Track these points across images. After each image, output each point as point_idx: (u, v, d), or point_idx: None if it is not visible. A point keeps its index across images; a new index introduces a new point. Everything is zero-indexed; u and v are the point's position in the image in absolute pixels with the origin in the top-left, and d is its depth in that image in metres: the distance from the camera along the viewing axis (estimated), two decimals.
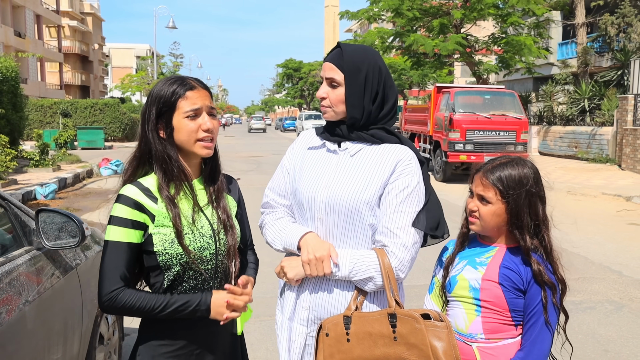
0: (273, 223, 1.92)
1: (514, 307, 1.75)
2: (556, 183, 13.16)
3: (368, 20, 21.18)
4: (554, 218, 1.85)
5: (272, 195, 1.97)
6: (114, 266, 1.59)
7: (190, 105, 1.65)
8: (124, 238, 1.60)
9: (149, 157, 1.69)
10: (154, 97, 1.67)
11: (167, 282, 1.66)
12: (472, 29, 22.25)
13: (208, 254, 1.69)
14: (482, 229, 1.82)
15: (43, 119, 29.35)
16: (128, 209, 1.62)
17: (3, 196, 2.36)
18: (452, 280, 1.86)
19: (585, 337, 4.29)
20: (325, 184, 1.83)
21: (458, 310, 1.83)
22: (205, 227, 1.70)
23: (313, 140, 1.96)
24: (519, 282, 1.74)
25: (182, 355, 1.69)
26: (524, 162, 1.79)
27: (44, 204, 10.23)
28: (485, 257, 1.81)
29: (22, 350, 2.07)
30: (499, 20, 19.94)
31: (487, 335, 1.78)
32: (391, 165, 1.80)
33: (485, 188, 1.78)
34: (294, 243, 1.82)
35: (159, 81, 1.75)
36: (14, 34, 37.42)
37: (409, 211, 1.77)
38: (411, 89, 31.47)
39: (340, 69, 1.80)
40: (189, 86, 1.67)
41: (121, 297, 1.58)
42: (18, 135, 16.59)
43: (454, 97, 14.16)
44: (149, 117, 1.67)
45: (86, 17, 59.23)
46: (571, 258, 6.62)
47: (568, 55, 25.42)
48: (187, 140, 1.67)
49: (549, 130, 20.97)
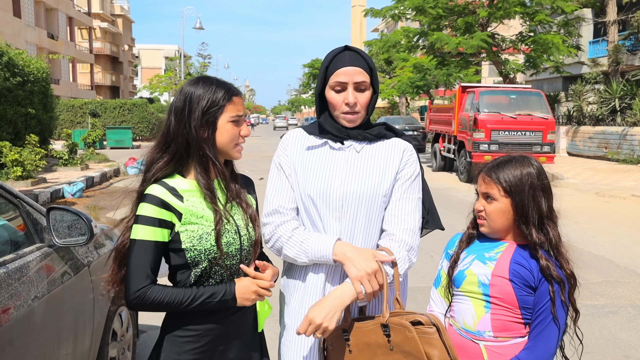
0: (290, 235, 1.83)
1: (524, 305, 1.72)
2: (584, 184, 12.91)
3: (392, 18, 21.01)
4: (580, 219, 1.82)
5: (278, 201, 1.88)
6: (140, 264, 1.62)
7: (237, 111, 1.73)
8: (151, 236, 1.63)
9: (182, 155, 1.71)
10: (198, 96, 1.69)
11: (194, 278, 1.70)
12: (500, 28, 21.94)
13: (234, 249, 1.74)
14: (490, 229, 1.80)
15: (74, 118, 29.99)
16: (155, 208, 1.64)
17: (15, 194, 2.42)
18: (459, 275, 1.83)
19: (606, 342, 4.19)
20: (339, 182, 1.83)
21: (466, 306, 1.80)
22: (231, 223, 1.74)
23: (310, 140, 1.93)
24: (530, 278, 1.71)
25: (207, 352, 1.73)
26: (526, 159, 1.79)
27: (71, 202, 10.46)
28: (494, 252, 1.78)
29: (32, 345, 2.12)
30: (526, 19, 19.59)
31: (496, 333, 1.74)
32: (399, 155, 1.87)
33: (489, 185, 1.77)
34: (326, 255, 1.75)
35: (191, 80, 1.77)
36: (47, 36, 38.34)
37: (413, 197, 1.86)
38: (437, 89, 31.21)
39: (367, 72, 1.82)
40: (235, 92, 1.74)
41: (149, 294, 1.61)
42: (48, 135, 16.98)
43: (479, 96, 13.98)
44: (192, 115, 1.68)
45: (116, 19, 60.32)
46: (595, 261, 6.48)
47: (599, 54, 24.88)
48: (229, 143, 1.73)
49: (577, 131, 20.56)
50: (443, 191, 12.14)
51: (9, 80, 13.57)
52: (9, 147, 11.52)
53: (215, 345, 1.74)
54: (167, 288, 1.65)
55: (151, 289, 1.62)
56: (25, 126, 14.76)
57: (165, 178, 1.72)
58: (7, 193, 2.38)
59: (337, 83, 1.80)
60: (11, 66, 13.95)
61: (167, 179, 1.72)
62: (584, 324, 4.51)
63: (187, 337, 1.71)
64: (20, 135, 14.06)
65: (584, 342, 1.86)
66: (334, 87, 1.82)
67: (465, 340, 1.78)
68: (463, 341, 1.79)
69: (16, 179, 11.17)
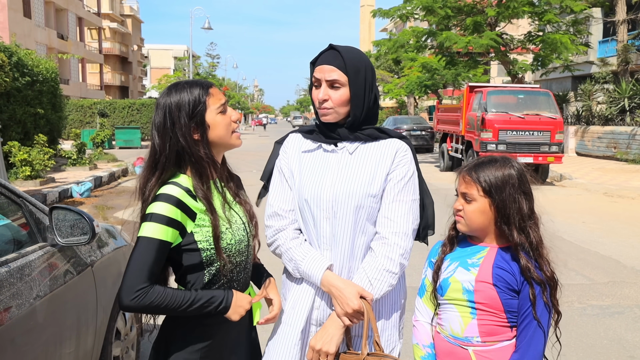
0: (288, 248, 1.89)
1: (509, 308, 1.72)
2: (593, 184, 12.82)
3: (400, 18, 21.00)
4: (587, 219, 1.82)
5: (277, 204, 1.93)
6: (143, 262, 1.57)
7: (218, 101, 1.73)
8: (158, 235, 1.59)
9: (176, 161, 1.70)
10: (179, 104, 1.68)
11: (209, 277, 1.71)
12: (508, 28, 21.84)
13: (243, 246, 1.77)
14: (467, 228, 1.79)
15: (83, 118, 30.19)
16: (170, 207, 1.62)
17: (18, 193, 2.44)
18: (443, 283, 1.83)
19: (611, 342, 4.17)
20: (329, 183, 1.85)
21: (452, 314, 1.80)
22: (239, 221, 1.77)
23: (305, 144, 1.97)
24: (513, 282, 1.71)
25: (214, 349, 1.75)
26: (508, 161, 1.78)
27: (79, 202, 10.53)
28: (477, 258, 1.78)
29: (34, 344, 2.13)
30: (534, 18, 19.49)
31: (484, 338, 1.75)
32: (391, 155, 1.86)
33: (468, 185, 1.77)
34: (315, 281, 1.84)
35: (162, 92, 1.76)
36: (57, 36, 38.63)
37: (406, 199, 1.84)
38: (445, 89, 31.11)
39: (343, 71, 1.82)
40: (208, 84, 1.75)
41: (149, 296, 1.57)
42: (57, 135, 17.10)
43: (487, 96, 13.93)
44: (180, 123, 1.67)
45: (126, 19, 60.62)
46: (602, 261, 6.45)
47: (608, 53, 24.70)
48: (226, 133, 1.74)
49: (586, 131, 20.43)
50: (450, 191, 12.05)
51: (18, 80, 13.67)
52: (18, 147, 11.62)
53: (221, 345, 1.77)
54: (167, 290, 1.61)
55: (152, 289, 1.57)
56: (34, 126, 14.87)
57: (174, 178, 1.70)
58: (10, 192, 2.40)
59: (315, 79, 1.88)
60: (20, 66, 14.06)
61: (176, 179, 1.70)
62: (589, 324, 4.50)
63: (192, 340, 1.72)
64: (29, 135, 14.16)
65: (589, 342, 1.86)
66: (314, 84, 1.89)
67: (454, 346, 1.79)
68: (452, 348, 1.80)
69: (25, 178, 11.26)
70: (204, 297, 1.65)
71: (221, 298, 1.68)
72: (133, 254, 1.59)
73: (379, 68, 38.00)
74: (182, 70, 52.75)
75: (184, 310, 1.62)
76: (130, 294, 1.56)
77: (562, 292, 1.76)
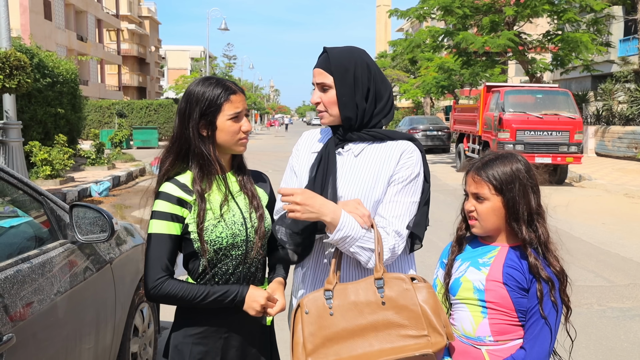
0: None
1: (520, 307, 1.71)
2: (613, 185, 12.63)
3: (417, 19, 20.89)
4: (607, 221, 1.80)
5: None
6: (157, 257, 1.74)
7: (234, 109, 1.80)
8: (166, 230, 1.75)
9: (187, 153, 1.82)
10: (197, 97, 1.79)
11: (202, 266, 1.80)
12: (526, 27, 21.61)
13: (239, 240, 1.82)
14: (482, 230, 1.78)
15: (102, 119, 30.54)
16: (169, 204, 1.77)
17: (40, 191, 2.48)
18: (455, 282, 1.83)
19: (632, 345, 4.10)
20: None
21: (464, 313, 1.80)
22: (237, 215, 1.83)
23: (316, 145, 1.97)
24: (522, 280, 1.70)
25: (210, 337, 1.82)
26: (513, 155, 1.77)
27: (98, 201, 10.66)
28: (487, 258, 1.78)
29: (54, 338, 2.17)
30: (554, 17, 19.26)
31: (496, 337, 1.74)
32: (396, 157, 1.82)
33: (479, 185, 1.75)
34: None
35: (194, 80, 1.86)
36: (76, 38, 39.14)
37: (405, 201, 1.80)
38: (462, 89, 30.91)
39: (329, 72, 1.82)
40: (232, 90, 1.81)
41: (165, 286, 1.72)
42: (77, 135, 17.31)
43: (504, 96, 13.80)
44: (192, 116, 1.79)
45: (144, 21, 61.21)
46: (622, 263, 6.35)
47: (629, 52, 24.33)
48: (230, 139, 1.82)
49: (607, 131, 20.14)
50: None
51: (39, 82, 13.87)
52: (39, 147, 11.79)
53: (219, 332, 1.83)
54: (182, 282, 1.75)
55: (167, 281, 1.73)
56: (55, 126, 15.06)
57: (178, 175, 1.84)
58: (33, 190, 2.44)
59: (313, 84, 1.90)
60: (41, 67, 14.26)
61: (179, 175, 1.84)
62: (609, 326, 4.43)
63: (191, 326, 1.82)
64: (50, 135, 14.34)
65: (609, 345, 1.83)
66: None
67: (467, 346, 1.78)
68: (465, 347, 1.78)
69: (45, 177, 11.42)
70: (219, 291, 1.75)
71: (235, 292, 1.76)
72: (147, 251, 1.76)
73: (395, 68, 37.86)
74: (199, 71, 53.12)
75: (200, 301, 1.73)
76: (150, 284, 1.73)
77: (582, 294, 1.74)
